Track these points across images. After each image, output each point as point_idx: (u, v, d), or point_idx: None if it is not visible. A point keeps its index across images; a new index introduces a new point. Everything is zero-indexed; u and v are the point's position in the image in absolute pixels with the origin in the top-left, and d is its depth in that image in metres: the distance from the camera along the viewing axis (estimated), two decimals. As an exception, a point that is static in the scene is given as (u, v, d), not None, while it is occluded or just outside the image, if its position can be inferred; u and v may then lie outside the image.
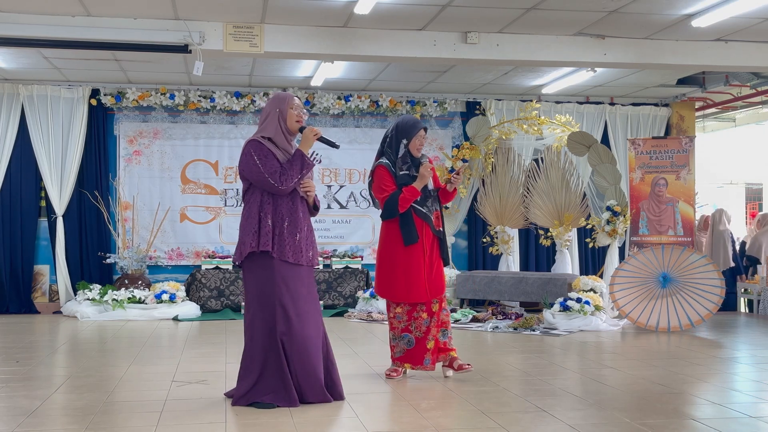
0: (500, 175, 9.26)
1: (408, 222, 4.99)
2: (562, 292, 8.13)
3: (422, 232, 5.01)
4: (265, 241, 4.20)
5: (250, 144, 4.29)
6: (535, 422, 3.98)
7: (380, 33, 7.34)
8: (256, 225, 4.24)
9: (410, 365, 5.06)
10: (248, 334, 4.29)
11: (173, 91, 9.45)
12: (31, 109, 9.16)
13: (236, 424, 3.91)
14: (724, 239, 9.84)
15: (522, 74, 9.04)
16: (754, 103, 10.83)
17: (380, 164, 5.07)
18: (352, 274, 9.43)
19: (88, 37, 6.85)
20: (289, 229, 4.27)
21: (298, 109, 4.38)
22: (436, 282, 5.05)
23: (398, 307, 5.08)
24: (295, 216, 4.31)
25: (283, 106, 4.36)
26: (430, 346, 5.04)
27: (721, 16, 6.76)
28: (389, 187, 5.01)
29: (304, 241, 4.33)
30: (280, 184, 4.21)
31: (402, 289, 5.00)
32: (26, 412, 4.16)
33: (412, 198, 4.97)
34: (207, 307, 8.96)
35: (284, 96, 4.41)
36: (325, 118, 9.92)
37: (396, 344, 5.12)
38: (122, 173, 9.54)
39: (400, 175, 5.02)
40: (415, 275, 4.98)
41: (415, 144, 5.03)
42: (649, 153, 8.50)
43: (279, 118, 4.35)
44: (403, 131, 5.05)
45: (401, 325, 5.08)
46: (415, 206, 5.01)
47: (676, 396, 4.61)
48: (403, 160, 5.04)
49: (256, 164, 4.22)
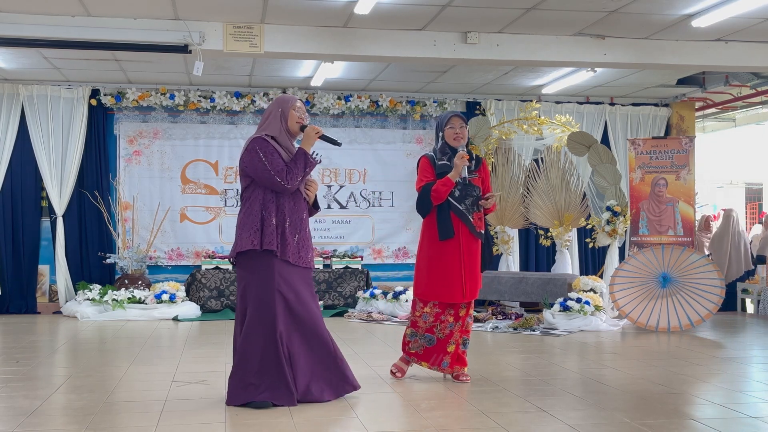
0: (500, 175, 9.25)
1: (444, 216, 4.89)
2: (562, 292, 8.13)
3: (458, 230, 4.92)
4: (269, 240, 4.19)
5: (255, 141, 4.28)
6: (535, 422, 3.98)
7: (380, 33, 7.34)
8: (258, 223, 4.22)
9: (428, 364, 5.00)
10: (242, 332, 4.26)
11: (173, 91, 9.45)
12: (31, 109, 9.16)
13: (236, 424, 3.91)
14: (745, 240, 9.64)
15: (522, 74, 9.04)
16: (754, 103, 10.83)
17: (423, 156, 5.08)
18: (352, 274, 9.43)
19: (88, 37, 6.84)
20: (290, 230, 4.27)
21: (300, 111, 4.40)
22: (472, 284, 4.94)
23: (427, 306, 5.00)
24: (296, 216, 4.32)
25: (285, 106, 4.37)
26: (450, 349, 4.98)
27: (721, 16, 6.76)
28: (426, 177, 4.97)
29: (304, 242, 4.34)
30: (286, 182, 4.21)
31: (437, 286, 4.92)
32: (26, 412, 4.16)
33: (444, 188, 4.86)
34: (207, 308, 8.96)
35: (288, 97, 4.44)
36: (325, 118, 9.92)
37: (414, 340, 5.04)
38: (122, 173, 9.54)
39: (439, 165, 4.96)
40: (450, 274, 4.88)
41: (449, 134, 4.96)
42: (649, 153, 8.50)
43: (281, 118, 4.36)
44: (439, 123, 5.06)
45: (426, 325, 5.00)
46: (453, 202, 4.91)
47: (676, 396, 4.61)
48: (442, 152, 4.99)
49: (262, 161, 4.21)
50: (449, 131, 4.97)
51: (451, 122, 4.97)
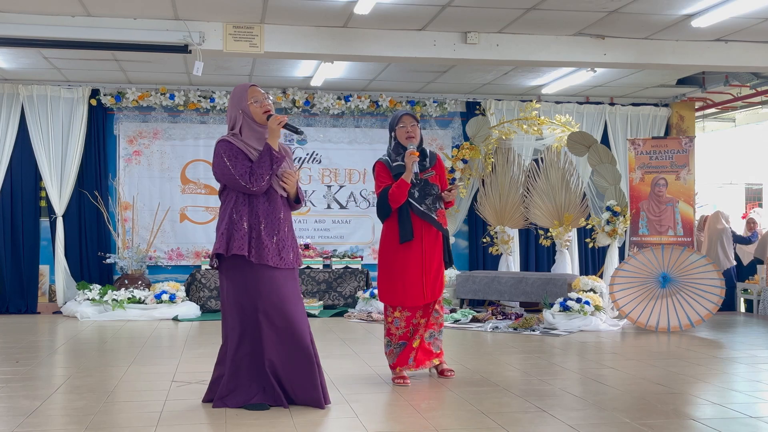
0: (500, 175, 9.26)
1: (404, 218, 4.85)
2: (562, 292, 8.13)
3: (421, 231, 4.89)
4: (240, 245, 4.04)
5: (220, 144, 4.12)
6: (535, 422, 3.97)
7: (380, 33, 7.34)
8: (226, 226, 4.09)
9: (400, 367, 4.92)
10: (225, 337, 4.21)
11: (173, 91, 9.45)
12: (31, 109, 9.16)
13: (236, 424, 3.91)
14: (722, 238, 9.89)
15: (522, 74, 9.04)
16: (754, 103, 10.83)
17: (378, 160, 5.01)
18: (352, 274, 9.43)
19: (88, 37, 6.85)
20: (267, 231, 4.10)
21: (257, 99, 4.15)
22: (433, 285, 4.91)
23: (396, 311, 4.97)
24: (272, 217, 4.14)
25: (243, 104, 4.16)
26: (415, 344, 4.93)
27: (721, 16, 6.76)
28: (384, 181, 4.91)
29: (284, 243, 4.16)
30: (251, 185, 4.04)
31: (399, 291, 4.89)
32: (26, 413, 4.16)
33: (400, 191, 4.79)
34: (207, 308, 8.96)
35: (242, 92, 4.18)
36: (325, 118, 9.93)
37: (389, 351, 5.01)
38: (122, 173, 9.55)
39: (394, 167, 4.92)
40: (411, 277, 4.86)
41: (401, 133, 4.91)
42: (649, 153, 8.50)
43: (245, 117, 4.16)
44: (391, 123, 5.02)
45: (399, 332, 4.97)
46: (413, 203, 4.87)
47: (676, 396, 4.61)
48: (396, 152, 4.95)
49: (227, 166, 4.06)
50: (401, 130, 4.92)
51: (402, 121, 4.92)
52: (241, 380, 4.17)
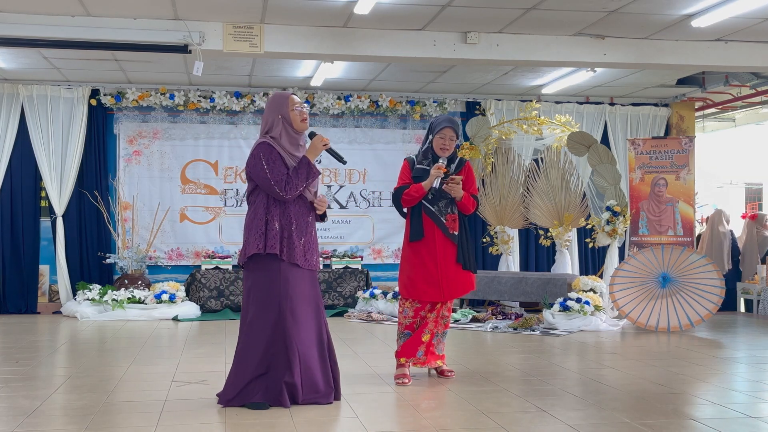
0: (500, 175, 9.25)
1: (416, 217, 5.00)
2: (561, 292, 8.13)
3: (433, 232, 4.98)
4: (272, 244, 4.18)
5: (260, 147, 4.24)
6: (535, 422, 3.98)
7: (380, 33, 7.34)
8: (262, 227, 4.22)
9: (405, 358, 5.01)
10: (244, 334, 4.26)
11: (173, 91, 9.45)
12: (31, 109, 9.16)
13: (236, 424, 3.91)
14: (730, 240, 9.86)
15: (522, 74, 9.04)
16: (754, 103, 10.83)
17: (407, 157, 5.17)
18: (352, 274, 9.43)
19: (87, 37, 6.85)
20: (297, 233, 4.27)
21: (299, 107, 4.33)
22: (450, 284, 4.96)
23: (407, 302, 5.08)
24: (301, 219, 4.31)
25: (284, 110, 4.31)
26: (425, 339, 5.02)
27: (721, 16, 6.76)
28: (403, 180, 5.07)
29: (309, 245, 4.34)
30: (285, 193, 4.19)
31: (413, 286, 5.00)
32: (26, 412, 4.16)
33: (416, 194, 4.96)
34: (207, 308, 8.96)
35: (282, 99, 4.34)
36: (324, 118, 9.93)
37: (398, 340, 5.12)
38: (122, 173, 9.54)
39: (416, 169, 5.03)
40: (427, 274, 4.95)
41: (438, 143, 5.00)
42: (648, 153, 8.50)
43: (284, 123, 4.30)
44: (433, 126, 5.08)
45: (406, 321, 5.08)
46: (425, 204, 5.00)
47: (676, 396, 4.61)
48: (425, 155, 5.06)
49: (264, 169, 4.18)
50: (438, 140, 5.01)
51: (442, 132, 5.00)
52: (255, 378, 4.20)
